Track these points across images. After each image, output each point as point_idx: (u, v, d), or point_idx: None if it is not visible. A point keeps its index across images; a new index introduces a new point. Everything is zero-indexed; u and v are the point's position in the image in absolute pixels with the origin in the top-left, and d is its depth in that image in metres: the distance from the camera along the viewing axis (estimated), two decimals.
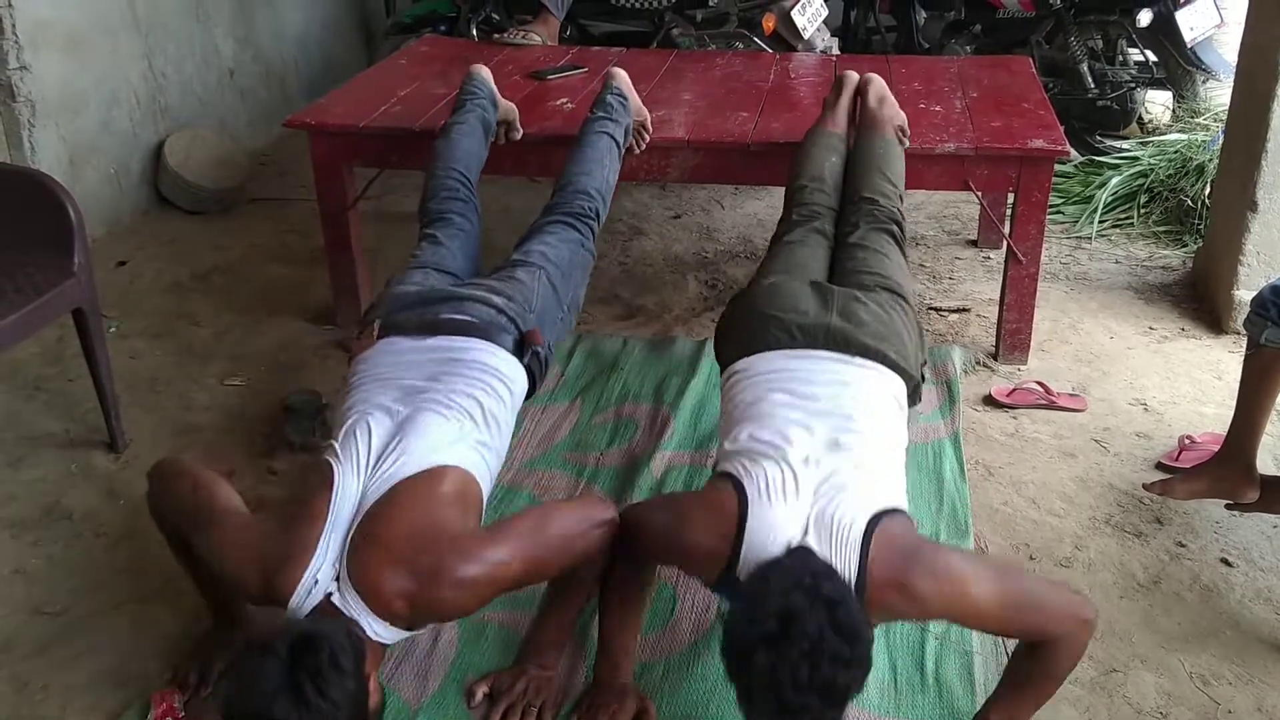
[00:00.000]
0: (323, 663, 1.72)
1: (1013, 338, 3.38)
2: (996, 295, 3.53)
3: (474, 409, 2.17)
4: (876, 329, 2.24)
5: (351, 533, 1.94)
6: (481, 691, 2.17)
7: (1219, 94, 4.87)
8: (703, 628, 2.36)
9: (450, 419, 2.12)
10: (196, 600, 2.39)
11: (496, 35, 4.54)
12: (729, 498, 1.93)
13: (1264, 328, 2.42)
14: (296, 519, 1.97)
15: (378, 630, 1.92)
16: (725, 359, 2.33)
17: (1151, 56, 5.09)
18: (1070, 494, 2.81)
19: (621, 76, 3.19)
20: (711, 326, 3.62)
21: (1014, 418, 3.12)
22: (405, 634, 1.98)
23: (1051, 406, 3.15)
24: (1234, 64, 3.77)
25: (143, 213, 4.53)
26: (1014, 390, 3.20)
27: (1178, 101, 5.01)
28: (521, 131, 3.28)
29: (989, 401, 3.19)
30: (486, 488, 2.14)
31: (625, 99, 3.14)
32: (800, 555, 1.83)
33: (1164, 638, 2.35)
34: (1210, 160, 4.18)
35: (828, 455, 1.98)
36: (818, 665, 1.65)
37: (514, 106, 3.29)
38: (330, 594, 1.91)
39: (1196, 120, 4.78)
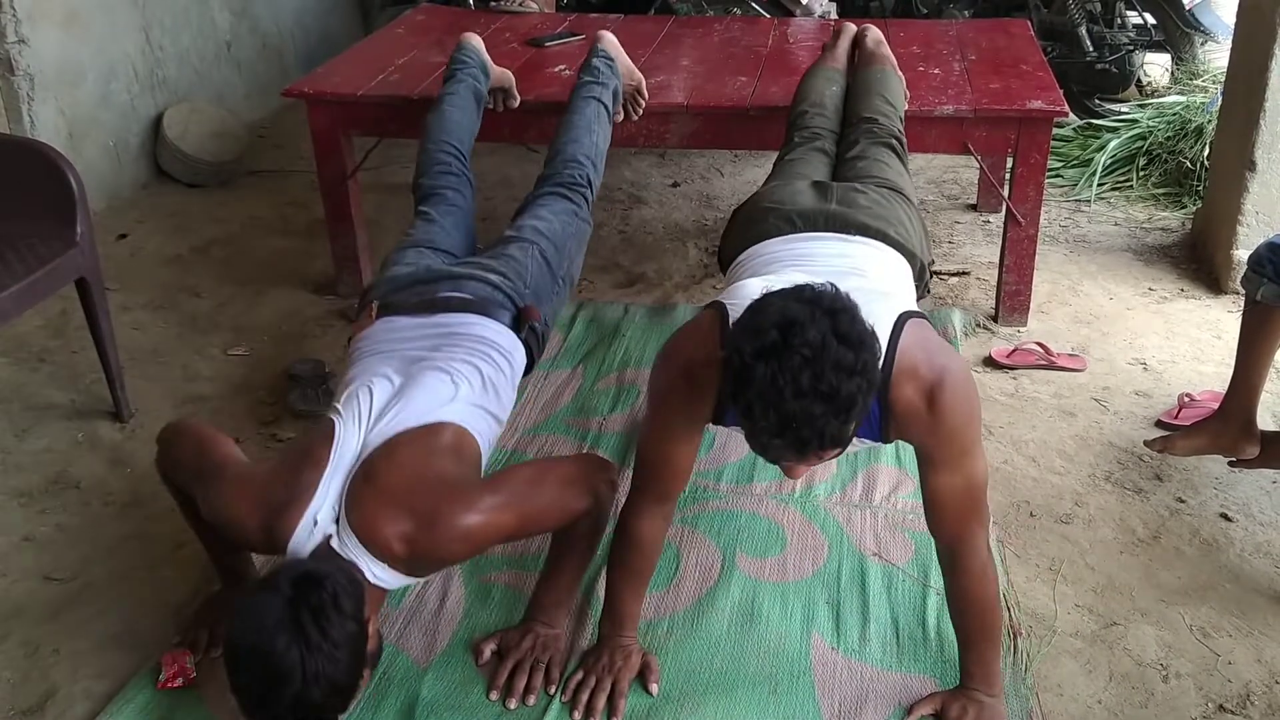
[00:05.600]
0: (325, 601, 1.75)
1: (1012, 299, 3.39)
2: (996, 258, 3.53)
3: (474, 375, 2.19)
4: (875, 211, 2.24)
5: (350, 479, 1.97)
6: (489, 649, 2.19)
7: (1217, 56, 4.87)
8: (706, 585, 2.38)
9: (450, 381, 2.15)
10: (205, 565, 2.41)
11: (493, 3, 4.53)
12: (707, 314, 1.91)
13: (1260, 284, 2.43)
14: (297, 464, 2.00)
15: (376, 573, 1.94)
16: (726, 258, 2.32)
17: (1149, 19, 5.07)
18: (1070, 452, 2.82)
19: (608, 39, 3.18)
20: (713, 294, 3.65)
21: (1014, 378, 3.14)
22: (404, 579, 2.00)
23: (1051, 367, 3.16)
24: (1232, 25, 3.76)
25: (142, 186, 4.53)
26: (1014, 351, 3.21)
27: (1176, 64, 5.01)
28: (519, 99, 3.28)
29: (989, 363, 3.21)
30: (485, 450, 2.16)
31: (612, 61, 3.12)
32: None
33: (1164, 591, 2.37)
34: (1209, 122, 4.18)
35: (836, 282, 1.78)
36: (821, 372, 1.56)
37: (510, 74, 3.28)
38: (329, 536, 1.94)
39: (1195, 82, 4.79)
